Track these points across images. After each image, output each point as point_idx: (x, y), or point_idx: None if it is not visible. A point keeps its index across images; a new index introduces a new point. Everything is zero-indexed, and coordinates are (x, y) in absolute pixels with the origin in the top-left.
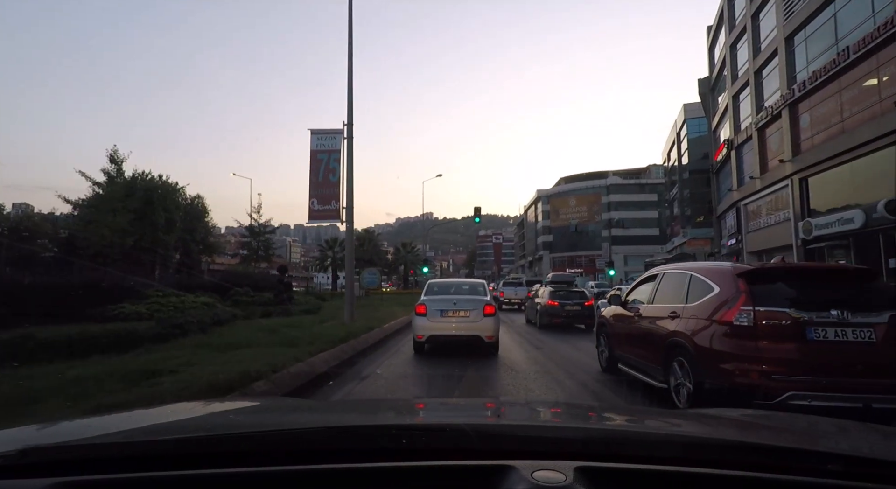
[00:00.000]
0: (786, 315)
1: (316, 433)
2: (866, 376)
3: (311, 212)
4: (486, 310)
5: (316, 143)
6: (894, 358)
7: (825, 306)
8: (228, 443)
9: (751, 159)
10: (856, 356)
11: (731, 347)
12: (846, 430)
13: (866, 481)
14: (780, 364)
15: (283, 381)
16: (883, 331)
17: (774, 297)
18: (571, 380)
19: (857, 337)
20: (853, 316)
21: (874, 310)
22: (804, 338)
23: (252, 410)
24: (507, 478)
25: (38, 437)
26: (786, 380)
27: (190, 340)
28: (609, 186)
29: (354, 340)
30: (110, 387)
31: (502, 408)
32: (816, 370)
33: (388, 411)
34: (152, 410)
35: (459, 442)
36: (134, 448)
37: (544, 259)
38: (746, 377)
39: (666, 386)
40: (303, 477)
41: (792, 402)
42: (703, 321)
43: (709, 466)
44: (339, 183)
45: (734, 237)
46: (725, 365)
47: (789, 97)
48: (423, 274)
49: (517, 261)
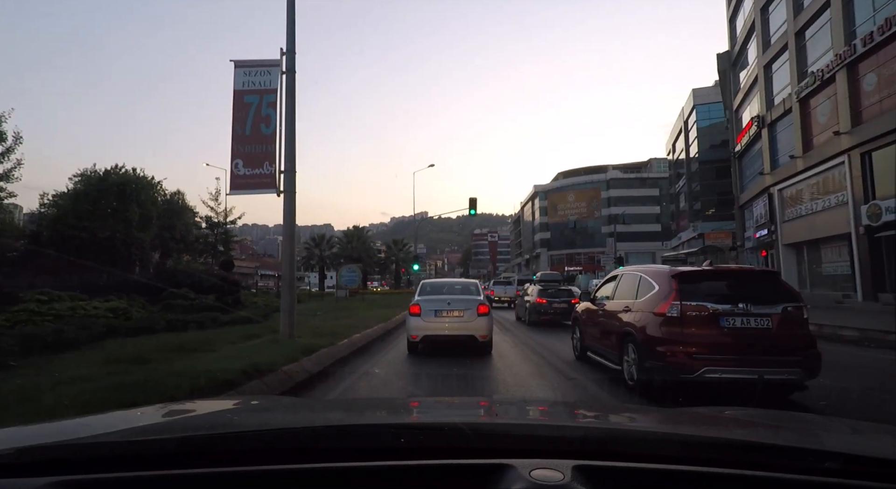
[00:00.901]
0: (705, 308)
1: (314, 432)
2: (763, 354)
3: (235, 178)
4: (480, 309)
5: (242, 81)
6: (784, 340)
7: (735, 300)
8: (226, 441)
9: (789, 136)
10: (756, 339)
11: (664, 334)
12: (844, 428)
13: (864, 479)
14: (700, 346)
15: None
16: (777, 320)
17: (697, 294)
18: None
19: (758, 324)
20: (755, 308)
21: (771, 304)
22: (718, 325)
23: (250, 409)
24: (505, 477)
25: (36, 436)
26: (703, 358)
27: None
28: (609, 181)
29: (271, 376)
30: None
31: (500, 407)
32: (726, 350)
33: (386, 410)
34: (150, 409)
35: (457, 441)
36: (131, 447)
37: (542, 257)
38: (675, 357)
39: (619, 367)
40: (301, 476)
41: (706, 376)
42: (646, 313)
43: (707, 465)
44: (274, 137)
45: (765, 228)
46: (660, 348)
47: (847, 55)
48: (415, 272)
49: (513, 259)
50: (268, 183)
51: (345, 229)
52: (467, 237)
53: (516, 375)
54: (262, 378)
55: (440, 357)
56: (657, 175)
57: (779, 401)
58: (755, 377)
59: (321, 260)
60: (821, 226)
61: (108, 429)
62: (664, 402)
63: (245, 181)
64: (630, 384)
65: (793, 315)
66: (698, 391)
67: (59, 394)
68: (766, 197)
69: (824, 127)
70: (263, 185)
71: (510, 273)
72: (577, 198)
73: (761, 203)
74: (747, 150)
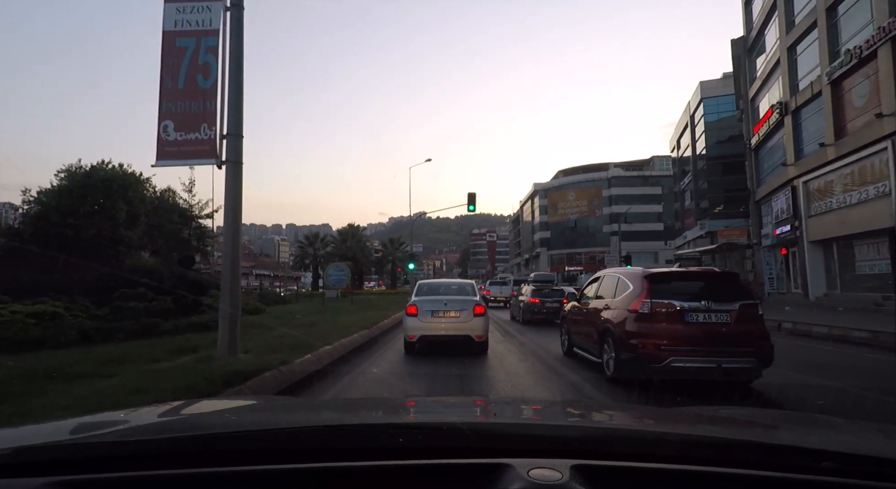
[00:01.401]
0: (672, 305)
1: (313, 431)
2: (721, 346)
3: (162, 145)
4: (476, 310)
5: (174, 19)
6: (740, 333)
7: (698, 298)
8: (224, 441)
9: (817, 123)
10: (715, 332)
11: (637, 328)
12: (841, 428)
13: (861, 478)
14: (667, 338)
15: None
16: (734, 316)
17: (666, 292)
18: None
19: (718, 319)
20: (716, 305)
21: (730, 301)
22: (683, 320)
23: (248, 409)
24: (504, 477)
25: (33, 437)
26: (669, 349)
27: None
28: (611, 179)
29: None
30: None
31: (498, 407)
32: (689, 342)
33: (384, 410)
34: (147, 409)
35: (456, 440)
36: (129, 447)
37: (541, 256)
38: (645, 349)
39: (600, 360)
40: (300, 475)
41: (672, 365)
42: (621, 310)
43: (704, 464)
44: (215, 91)
45: (787, 223)
46: (633, 341)
47: (893, 27)
48: (410, 271)
49: (512, 259)
50: (205, 151)
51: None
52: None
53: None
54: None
55: (436, 357)
56: (660, 173)
57: (779, 402)
58: (714, 366)
59: (315, 259)
60: (855, 220)
61: (105, 429)
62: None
63: (176, 149)
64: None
65: (748, 311)
66: (666, 380)
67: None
68: (788, 190)
69: (861, 110)
70: (200, 154)
71: (506, 274)
72: (577, 196)
73: (783, 197)
74: (765, 141)
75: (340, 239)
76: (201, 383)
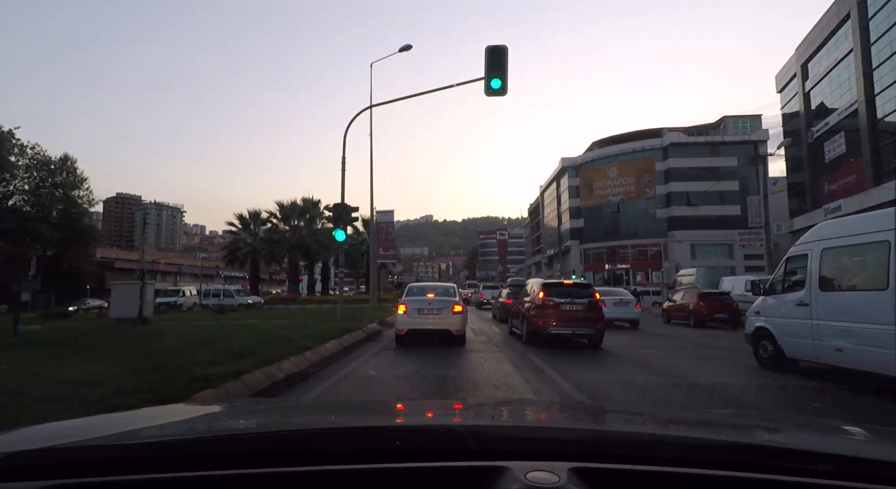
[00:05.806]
0: (554, 300)
1: (310, 434)
2: (577, 322)
3: None
4: (454, 308)
5: None
6: (587, 315)
7: (567, 296)
8: (220, 444)
9: None
10: (575, 314)
11: (536, 312)
12: (838, 430)
13: (858, 481)
14: (550, 318)
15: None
16: (584, 305)
17: (552, 293)
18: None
19: (576, 307)
20: (576, 300)
21: (583, 298)
22: (559, 308)
23: (244, 412)
24: (501, 479)
25: (27, 441)
26: (551, 323)
27: None
28: (667, 148)
29: None
30: None
31: (496, 409)
32: (561, 319)
33: (379, 412)
34: (142, 412)
35: (453, 442)
36: (124, 450)
37: (572, 251)
38: (539, 323)
39: (520, 332)
40: (297, 478)
41: (551, 332)
42: (532, 302)
43: (702, 467)
44: None
45: None
46: (534, 319)
47: None
48: (339, 241)
49: (529, 258)
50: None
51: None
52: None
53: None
54: None
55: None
56: (734, 138)
57: (778, 403)
58: (571, 332)
59: (254, 250)
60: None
61: (100, 433)
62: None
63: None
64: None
65: (592, 303)
66: (549, 339)
67: None
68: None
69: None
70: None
71: (519, 276)
72: (620, 172)
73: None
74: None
75: (281, 218)
76: None
